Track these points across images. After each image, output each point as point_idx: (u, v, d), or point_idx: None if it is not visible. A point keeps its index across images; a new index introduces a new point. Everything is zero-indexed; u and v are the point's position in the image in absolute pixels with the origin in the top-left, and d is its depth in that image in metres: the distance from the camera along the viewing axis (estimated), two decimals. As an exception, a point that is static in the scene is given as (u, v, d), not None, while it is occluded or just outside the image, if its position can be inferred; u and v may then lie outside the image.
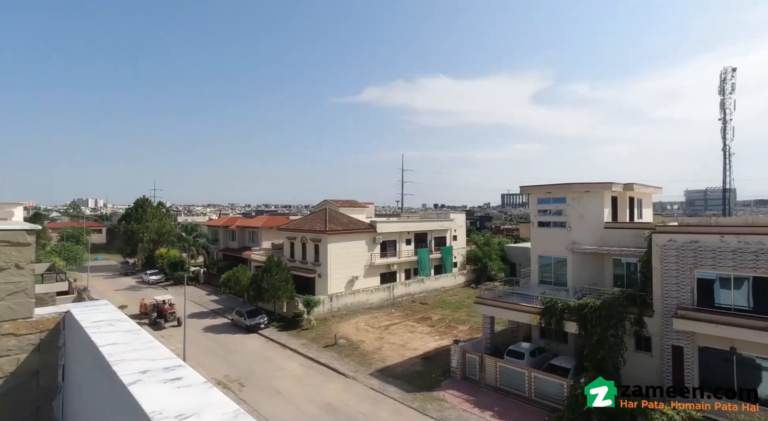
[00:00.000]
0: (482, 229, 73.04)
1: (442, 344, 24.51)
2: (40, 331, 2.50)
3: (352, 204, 41.86)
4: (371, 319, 30.21)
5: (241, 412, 1.27)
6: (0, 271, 2.36)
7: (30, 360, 2.45)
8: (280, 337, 26.68)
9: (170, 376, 1.60)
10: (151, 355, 1.86)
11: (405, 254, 38.77)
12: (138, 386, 1.50)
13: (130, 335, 2.16)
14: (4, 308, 2.37)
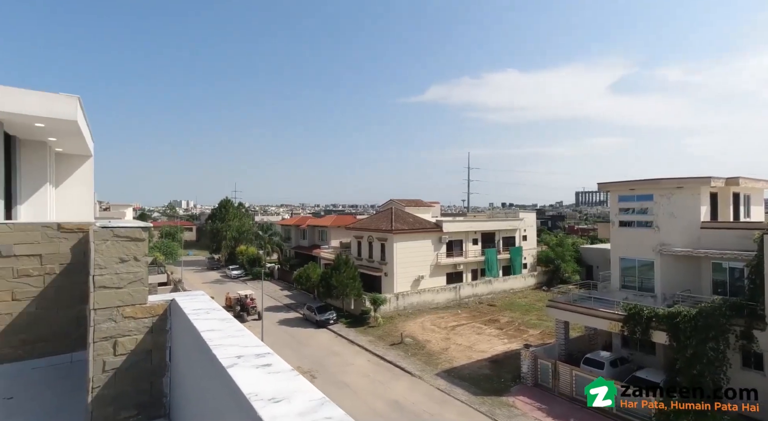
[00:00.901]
0: (554, 229, 68.94)
1: (511, 347, 23.61)
2: (152, 316, 2.86)
3: (418, 203, 41.85)
4: (437, 319, 29.99)
5: (326, 400, 1.35)
6: (122, 262, 2.75)
7: (145, 341, 2.81)
8: (348, 333, 27.54)
9: (261, 362, 1.75)
10: (243, 342, 2.05)
11: (471, 254, 37.91)
12: (235, 369, 1.66)
13: (224, 323, 2.39)
14: (125, 295, 2.76)
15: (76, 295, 3.86)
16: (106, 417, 2.62)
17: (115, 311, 2.73)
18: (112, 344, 2.71)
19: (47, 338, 3.75)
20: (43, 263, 3.70)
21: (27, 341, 3.63)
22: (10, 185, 6.30)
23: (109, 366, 2.67)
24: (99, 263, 2.70)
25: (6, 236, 3.53)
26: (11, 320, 3.56)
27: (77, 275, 3.86)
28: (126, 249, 2.80)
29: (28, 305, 3.64)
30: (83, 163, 8.67)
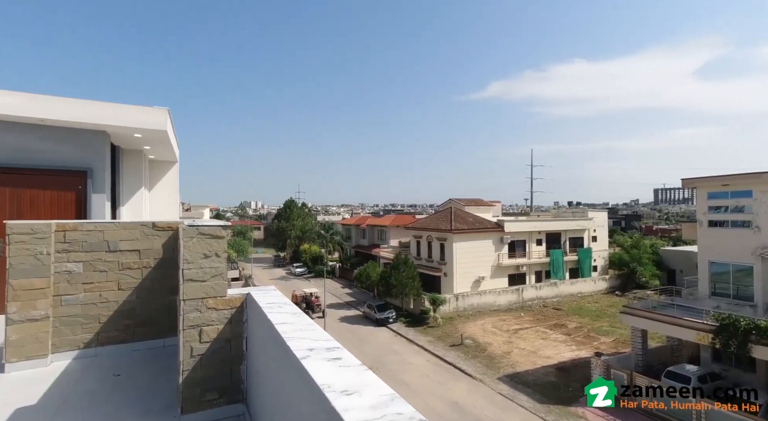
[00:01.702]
0: (629, 229, 63.48)
1: (579, 355, 22.20)
2: (231, 308, 3.10)
3: (478, 203, 40.83)
4: (499, 321, 29.05)
5: (396, 396, 1.38)
6: (206, 258, 3.02)
7: (225, 330, 3.06)
8: (407, 332, 27.63)
9: (332, 355, 1.83)
10: (313, 336, 2.15)
11: (535, 255, 36.20)
12: (308, 361, 1.74)
13: (295, 317, 2.53)
14: (208, 287, 3.02)
15: (167, 286, 4.30)
16: (193, 397, 2.89)
17: (200, 302, 2.99)
18: (198, 332, 2.97)
19: (144, 324, 4.22)
20: (141, 257, 4.18)
21: (129, 326, 4.12)
22: (115, 189, 7.21)
23: (195, 352, 2.93)
24: (187, 258, 2.98)
25: (114, 233, 4.04)
26: (117, 307, 4.06)
27: (167, 269, 4.31)
28: (209, 246, 3.06)
29: (129, 294, 4.13)
30: (170, 169, 9.66)
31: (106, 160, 6.21)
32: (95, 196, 5.95)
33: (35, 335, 3.66)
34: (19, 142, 5.62)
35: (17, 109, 5.37)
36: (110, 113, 5.89)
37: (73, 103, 5.67)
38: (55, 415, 2.90)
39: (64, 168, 5.83)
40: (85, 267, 3.95)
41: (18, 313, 3.58)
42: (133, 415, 2.94)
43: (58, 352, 3.82)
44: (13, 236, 3.58)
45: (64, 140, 5.87)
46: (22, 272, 3.61)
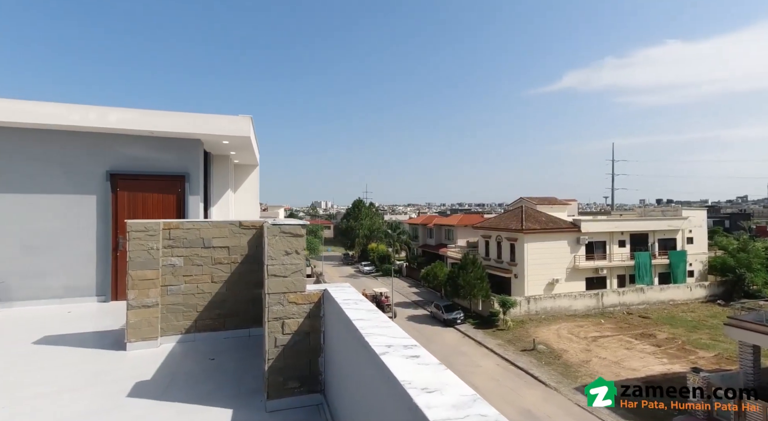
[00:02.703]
0: (734, 230, 55.60)
1: (671, 369, 20.01)
2: (310, 303, 3.28)
3: (551, 201, 38.57)
4: (575, 327, 27.20)
5: (478, 397, 1.37)
6: (287, 255, 3.24)
7: (304, 324, 3.25)
8: (475, 334, 27.00)
9: (410, 353, 1.86)
10: (390, 332, 2.21)
11: (617, 258, 33.27)
12: (387, 357, 1.79)
13: (371, 314, 2.61)
14: (289, 283, 3.24)
15: (251, 281, 4.68)
16: (277, 384, 3.11)
17: (282, 296, 3.21)
18: (281, 324, 3.19)
19: (232, 315, 4.64)
20: (230, 253, 4.59)
21: (221, 316, 4.56)
22: (207, 191, 8.03)
23: (279, 343, 3.15)
24: (271, 254, 3.21)
25: (207, 231, 4.49)
26: (211, 298, 4.51)
27: (252, 264, 4.68)
28: (290, 243, 3.27)
29: (220, 287, 4.56)
30: (252, 172, 10.52)
31: (200, 166, 6.94)
32: (191, 198, 6.68)
33: (148, 319, 4.21)
34: (133, 151, 6.52)
35: (132, 124, 6.23)
36: (203, 123, 6.58)
37: (174, 116, 6.42)
38: (165, 390, 3.30)
39: (167, 173, 6.64)
40: (185, 261, 4.44)
41: (135, 299, 4.15)
42: (227, 396, 3.24)
43: (165, 335, 4.34)
44: (131, 233, 4.15)
45: (166, 149, 6.67)
46: (138, 264, 4.16)
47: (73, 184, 6.27)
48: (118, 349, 4.20)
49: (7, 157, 6.09)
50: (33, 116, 5.93)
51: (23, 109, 5.92)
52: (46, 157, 6.21)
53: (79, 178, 6.29)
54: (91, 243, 6.32)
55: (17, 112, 5.89)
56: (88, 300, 6.27)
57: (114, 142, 6.43)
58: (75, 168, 6.29)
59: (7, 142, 6.10)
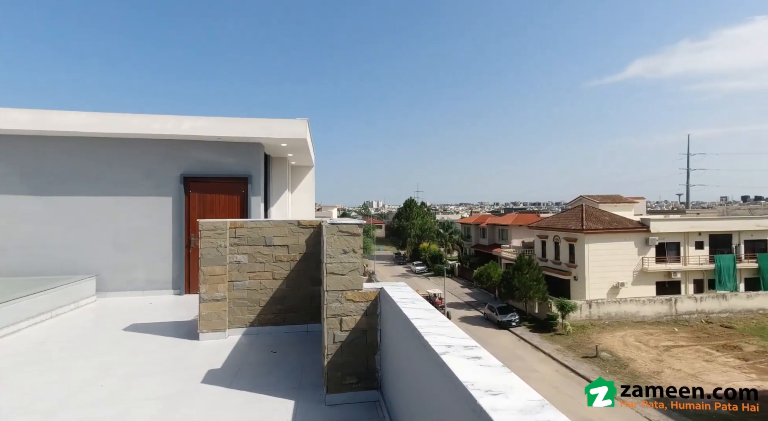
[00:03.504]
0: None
1: (763, 386, 17.87)
2: (366, 301, 3.34)
3: (615, 199, 36.02)
4: (644, 335, 25.20)
5: (546, 403, 1.32)
6: (345, 253, 3.32)
7: (361, 321, 3.32)
8: (532, 338, 25.95)
9: (471, 354, 1.83)
10: (449, 332, 2.19)
11: (694, 261, 30.32)
12: (447, 356, 1.77)
13: (429, 313, 2.60)
14: (347, 281, 3.32)
15: (309, 278, 4.86)
16: (336, 379, 3.20)
17: (340, 294, 3.29)
18: (339, 321, 3.28)
19: (292, 310, 4.84)
20: (289, 251, 4.80)
21: (281, 311, 4.78)
22: (267, 192, 8.47)
23: (337, 339, 3.24)
24: (329, 252, 3.31)
25: (269, 230, 4.73)
26: (272, 294, 4.75)
27: (309, 262, 4.86)
28: (347, 242, 3.35)
29: (281, 283, 4.79)
30: (308, 173, 10.94)
31: (261, 168, 7.35)
32: (254, 199, 7.09)
33: (217, 312, 4.52)
34: (203, 156, 7.06)
35: (202, 130, 6.75)
36: (264, 127, 6.95)
37: (238, 122, 6.85)
38: (234, 379, 3.53)
39: (232, 175, 7.10)
40: (249, 258, 4.71)
41: (206, 293, 4.48)
42: (289, 387, 3.39)
43: (231, 328, 4.64)
44: (202, 232, 4.49)
45: (231, 153, 7.14)
46: (209, 261, 4.49)
47: (152, 188, 6.92)
48: (191, 338, 4.56)
49: (101, 164, 6.86)
50: (123, 127, 6.63)
51: (115, 120, 6.63)
52: (131, 163, 6.90)
53: (157, 181, 6.93)
54: (168, 241, 6.93)
55: (110, 124, 6.62)
56: (165, 293, 6.88)
57: (187, 147, 7.02)
58: (154, 172, 6.94)
59: (101, 151, 6.87)
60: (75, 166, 6.77)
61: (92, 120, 6.57)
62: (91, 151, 6.82)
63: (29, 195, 6.64)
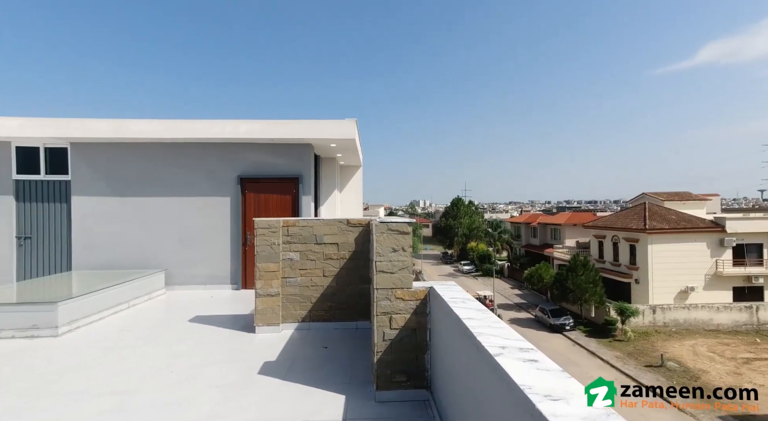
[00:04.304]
0: None
1: None
2: (416, 299, 3.33)
3: (684, 197, 33.16)
4: (718, 345, 22.99)
5: (612, 412, 1.25)
6: (394, 251, 3.34)
7: (411, 320, 3.31)
8: (588, 343, 24.60)
9: (527, 356, 1.77)
10: (503, 333, 2.13)
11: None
12: (502, 358, 1.72)
13: (481, 313, 2.54)
14: (396, 279, 3.33)
15: (358, 276, 4.93)
16: (385, 376, 3.22)
17: (389, 292, 3.31)
18: (388, 319, 3.30)
19: (342, 307, 4.94)
20: (339, 249, 4.90)
21: (332, 308, 4.90)
22: (317, 191, 8.73)
23: (386, 337, 3.26)
24: (378, 251, 3.34)
25: (319, 228, 4.87)
26: (322, 291, 4.88)
27: (358, 260, 4.93)
28: (396, 241, 3.36)
29: (331, 280, 4.90)
30: (356, 172, 11.13)
31: (311, 168, 7.58)
32: (304, 198, 7.34)
33: (272, 307, 4.73)
34: (257, 157, 7.43)
35: (257, 133, 7.10)
36: (314, 128, 7.18)
37: (290, 124, 7.13)
38: (288, 371, 3.67)
39: (284, 176, 7.40)
40: (301, 256, 4.88)
41: (262, 289, 4.70)
42: (340, 383, 3.47)
43: (285, 323, 4.83)
44: (258, 230, 4.71)
45: (283, 154, 7.43)
46: (263, 258, 4.71)
47: (212, 188, 7.38)
48: (248, 331, 4.80)
49: (168, 167, 7.44)
50: (186, 132, 7.15)
51: (179, 126, 7.15)
52: (193, 165, 7.41)
53: (217, 182, 7.39)
54: (227, 238, 7.35)
55: (175, 130, 7.15)
56: (224, 287, 7.31)
57: (242, 150, 7.41)
58: (214, 174, 7.39)
59: (168, 155, 7.44)
60: (146, 170, 7.40)
61: (159, 127, 7.13)
62: (159, 156, 7.41)
63: (110, 196, 7.37)
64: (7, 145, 7.35)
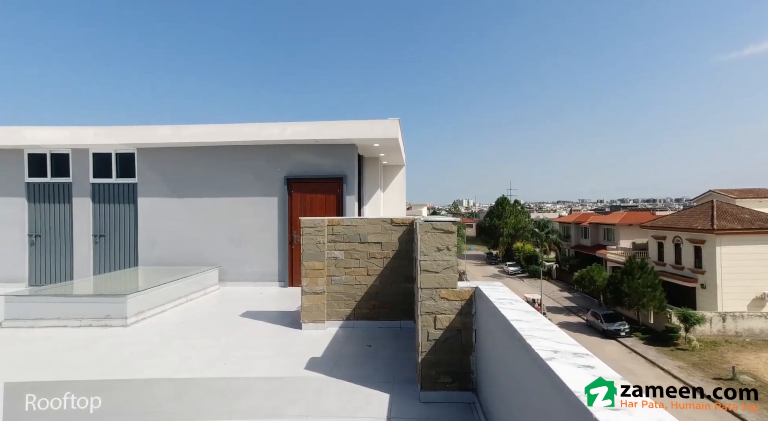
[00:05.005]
0: None
1: None
2: (461, 299, 3.27)
3: (759, 194, 30.13)
4: (802, 359, 20.67)
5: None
6: (438, 251, 3.30)
7: (455, 320, 3.26)
8: (646, 351, 23.01)
9: (581, 362, 1.68)
10: (555, 337, 2.03)
11: None
12: (554, 363, 1.65)
13: (530, 315, 2.45)
14: (441, 279, 3.29)
15: (402, 275, 4.93)
16: (430, 377, 3.19)
17: (434, 291, 3.27)
18: (433, 319, 3.26)
19: (385, 306, 4.96)
20: (383, 248, 4.92)
21: (375, 306, 4.93)
22: (360, 191, 8.85)
23: (431, 337, 3.23)
24: (423, 250, 3.31)
25: (363, 227, 4.92)
26: (366, 289, 4.92)
27: (402, 260, 4.93)
28: (441, 240, 3.32)
29: (374, 279, 4.94)
30: (399, 172, 11.16)
31: (355, 168, 7.69)
32: (348, 198, 7.45)
33: (317, 304, 4.85)
34: (304, 159, 7.66)
35: (303, 135, 7.31)
36: (357, 129, 7.28)
37: (334, 125, 7.28)
38: (333, 368, 3.74)
39: (329, 176, 7.56)
40: (345, 255, 4.95)
41: (308, 286, 4.83)
42: (384, 381, 3.48)
43: (330, 320, 4.93)
44: (304, 229, 4.85)
45: (328, 154, 7.60)
46: (309, 256, 4.83)
47: (261, 189, 7.70)
48: (295, 327, 4.95)
49: (220, 169, 7.86)
50: (237, 135, 7.51)
51: (230, 130, 7.53)
52: (243, 167, 7.77)
53: (265, 183, 7.69)
54: (274, 237, 7.64)
55: (227, 133, 7.54)
56: (272, 284, 7.60)
57: (289, 151, 7.66)
58: (262, 175, 7.71)
59: (221, 157, 7.86)
60: (201, 172, 7.86)
61: (212, 131, 7.54)
62: (213, 158, 7.84)
63: (171, 197, 7.92)
64: (84, 152, 8.10)
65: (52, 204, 8.11)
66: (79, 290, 6.15)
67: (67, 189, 8.09)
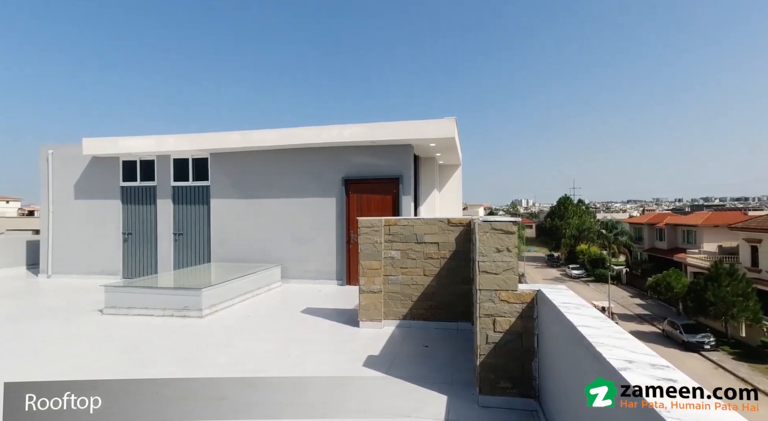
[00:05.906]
0: None
1: None
2: (522, 302, 3.15)
3: None
4: None
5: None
6: (498, 252, 3.20)
7: (516, 324, 3.14)
8: (736, 368, 20.56)
9: (661, 374, 1.56)
10: (628, 346, 1.90)
11: None
12: (629, 373, 1.55)
13: (599, 321, 2.30)
14: (500, 280, 3.19)
15: (459, 276, 4.85)
16: (489, 381, 3.11)
17: (493, 293, 3.18)
18: (492, 321, 3.18)
19: (442, 307, 4.91)
20: (440, 249, 4.88)
21: (432, 307, 4.91)
22: (416, 191, 8.86)
23: (490, 340, 3.15)
24: (481, 251, 3.24)
25: (419, 227, 4.91)
26: (423, 290, 4.91)
27: (459, 260, 4.85)
28: (500, 240, 3.22)
29: (431, 280, 4.91)
30: (455, 172, 11.00)
31: (411, 168, 7.71)
32: (404, 198, 7.49)
33: (374, 303, 4.92)
34: (360, 159, 7.82)
35: (360, 136, 7.48)
36: (413, 129, 7.28)
37: (390, 126, 7.35)
38: (390, 366, 3.78)
39: (385, 176, 7.65)
40: (402, 255, 4.97)
41: (365, 285, 4.92)
42: (441, 382, 3.45)
43: (386, 319, 4.98)
44: (361, 229, 4.95)
45: (384, 155, 7.70)
46: (367, 256, 4.92)
47: (320, 190, 7.99)
48: (352, 325, 5.07)
49: (282, 171, 8.28)
50: (296, 138, 7.87)
51: (290, 134, 7.90)
52: (304, 169, 8.11)
53: (324, 184, 7.97)
54: (333, 237, 7.89)
55: (287, 137, 7.92)
56: (330, 283, 7.85)
57: (346, 152, 7.87)
58: (321, 177, 7.99)
59: (282, 160, 8.28)
60: (266, 174, 8.34)
61: (276, 135, 7.95)
62: (275, 161, 8.28)
63: (239, 198, 8.51)
64: (167, 158, 8.95)
65: (140, 205, 9.07)
66: (162, 283, 6.79)
67: (152, 192, 9.00)
